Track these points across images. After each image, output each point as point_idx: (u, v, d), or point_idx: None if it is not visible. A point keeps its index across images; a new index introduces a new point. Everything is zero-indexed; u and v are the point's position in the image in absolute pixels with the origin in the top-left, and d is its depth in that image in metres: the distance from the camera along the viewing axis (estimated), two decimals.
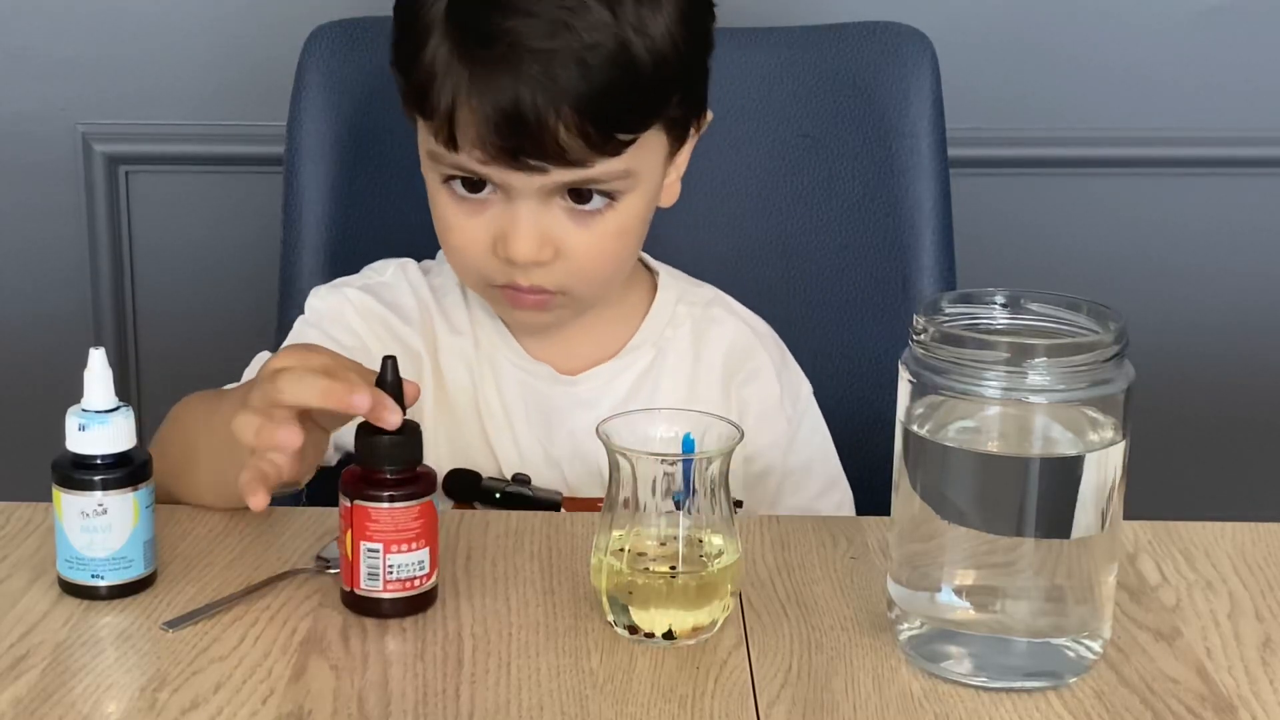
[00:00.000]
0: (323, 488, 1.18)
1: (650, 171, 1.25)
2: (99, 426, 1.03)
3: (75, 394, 1.04)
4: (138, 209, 1.91)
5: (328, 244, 1.49)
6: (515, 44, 1.16)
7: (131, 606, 1.05)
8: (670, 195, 1.31)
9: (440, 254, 1.37)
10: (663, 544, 1.02)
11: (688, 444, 1.03)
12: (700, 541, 1.02)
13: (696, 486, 1.01)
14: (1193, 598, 1.09)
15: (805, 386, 1.39)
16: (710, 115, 1.31)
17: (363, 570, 1.03)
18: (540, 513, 1.22)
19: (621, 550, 1.01)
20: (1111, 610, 1.00)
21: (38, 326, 1.93)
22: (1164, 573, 1.13)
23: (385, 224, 1.51)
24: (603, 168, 1.20)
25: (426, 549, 1.03)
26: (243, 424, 1.03)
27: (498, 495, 1.28)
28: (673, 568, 1.01)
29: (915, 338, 0.97)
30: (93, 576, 1.05)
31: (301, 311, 1.35)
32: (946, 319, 0.98)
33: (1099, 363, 0.94)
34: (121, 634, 1.02)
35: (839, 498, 1.38)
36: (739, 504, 1.28)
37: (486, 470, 1.30)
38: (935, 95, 1.51)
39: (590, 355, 1.33)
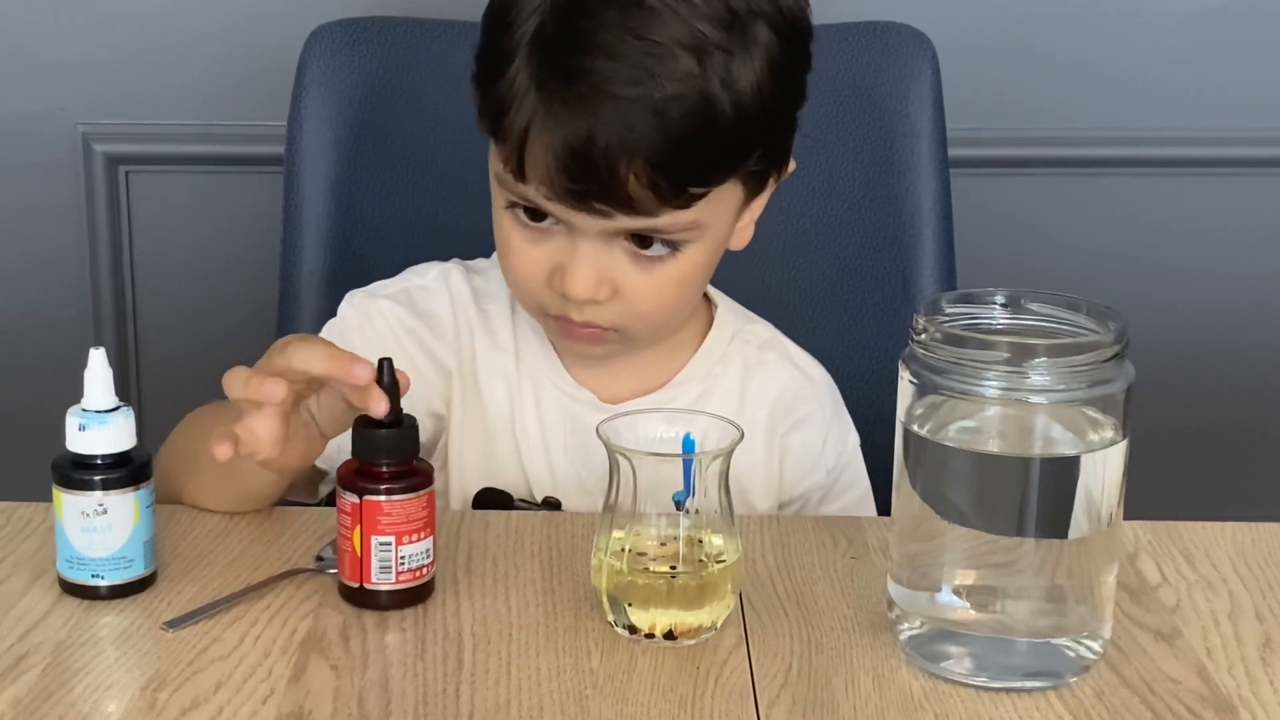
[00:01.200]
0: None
1: (720, 222, 1.21)
2: (99, 426, 1.03)
3: (75, 394, 1.04)
4: (138, 209, 1.91)
5: (328, 244, 1.49)
6: (596, 86, 1.11)
7: (131, 606, 1.05)
8: (742, 240, 1.27)
9: (494, 255, 1.34)
10: (663, 544, 1.02)
11: (688, 444, 1.03)
12: (700, 542, 1.02)
13: (697, 486, 1.01)
14: (1193, 598, 1.09)
15: (852, 437, 1.36)
16: (794, 165, 1.26)
17: (374, 564, 1.03)
18: (540, 513, 1.22)
19: (622, 550, 1.01)
20: (1112, 610, 1.00)
21: (37, 326, 1.93)
22: (1164, 573, 1.13)
23: (385, 224, 1.51)
24: (670, 218, 1.16)
25: (430, 538, 1.05)
26: (232, 375, 1.05)
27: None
28: (673, 568, 1.01)
29: (915, 338, 0.97)
30: (93, 576, 1.05)
31: (322, 314, 1.34)
32: (946, 319, 0.98)
33: (1099, 363, 0.94)
34: (121, 634, 1.02)
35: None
36: None
37: (515, 492, 1.28)
38: (935, 95, 1.51)
39: (636, 386, 1.30)
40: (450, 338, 1.30)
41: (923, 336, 0.96)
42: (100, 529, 1.04)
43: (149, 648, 1.00)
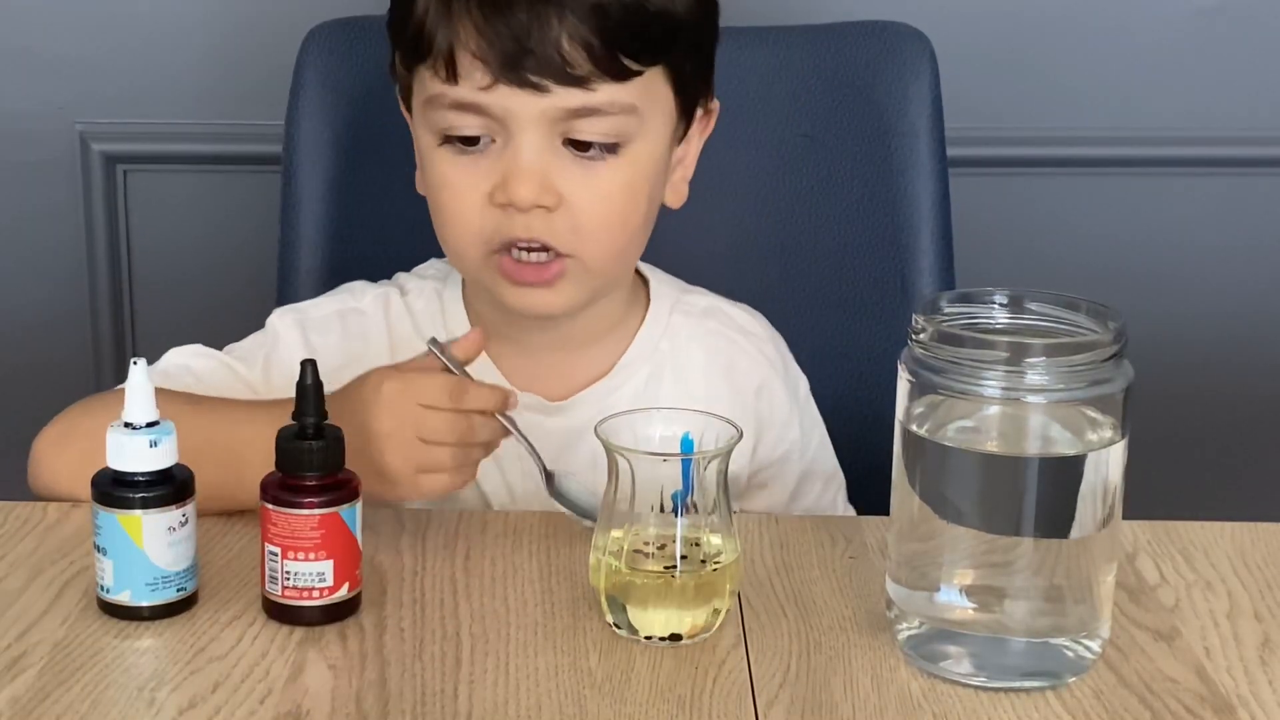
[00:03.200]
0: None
1: (656, 127, 1.22)
2: (168, 438, 1.02)
3: (74, 393, 1.04)
4: (136, 208, 1.91)
5: (325, 242, 1.49)
6: None
7: None
8: (677, 196, 1.29)
9: (428, 264, 1.34)
10: (661, 544, 1.02)
11: (686, 444, 1.03)
12: (699, 542, 1.02)
13: (695, 486, 1.01)
14: (1192, 598, 1.09)
15: (803, 384, 1.38)
16: (717, 105, 1.29)
17: (266, 572, 1.03)
18: (538, 513, 1.22)
19: (620, 550, 1.01)
20: (1110, 610, 1.00)
21: (35, 325, 1.92)
22: (1163, 573, 1.13)
23: (383, 223, 1.50)
24: (607, 95, 1.17)
25: (329, 561, 1.02)
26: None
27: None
28: (670, 567, 1.01)
29: (914, 337, 0.97)
30: (178, 590, 1.04)
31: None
32: (946, 318, 0.98)
33: (1098, 362, 0.94)
34: (119, 633, 1.02)
35: (836, 487, 1.38)
36: None
37: (498, 502, 1.28)
38: (934, 95, 1.51)
39: (581, 377, 1.29)
40: (386, 361, 1.23)
41: (922, 336, 0.96)
42: (183, 540, 1.03)
43: (147, 646, 1.00)
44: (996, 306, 1.00)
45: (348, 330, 1.30)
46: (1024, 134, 1.90)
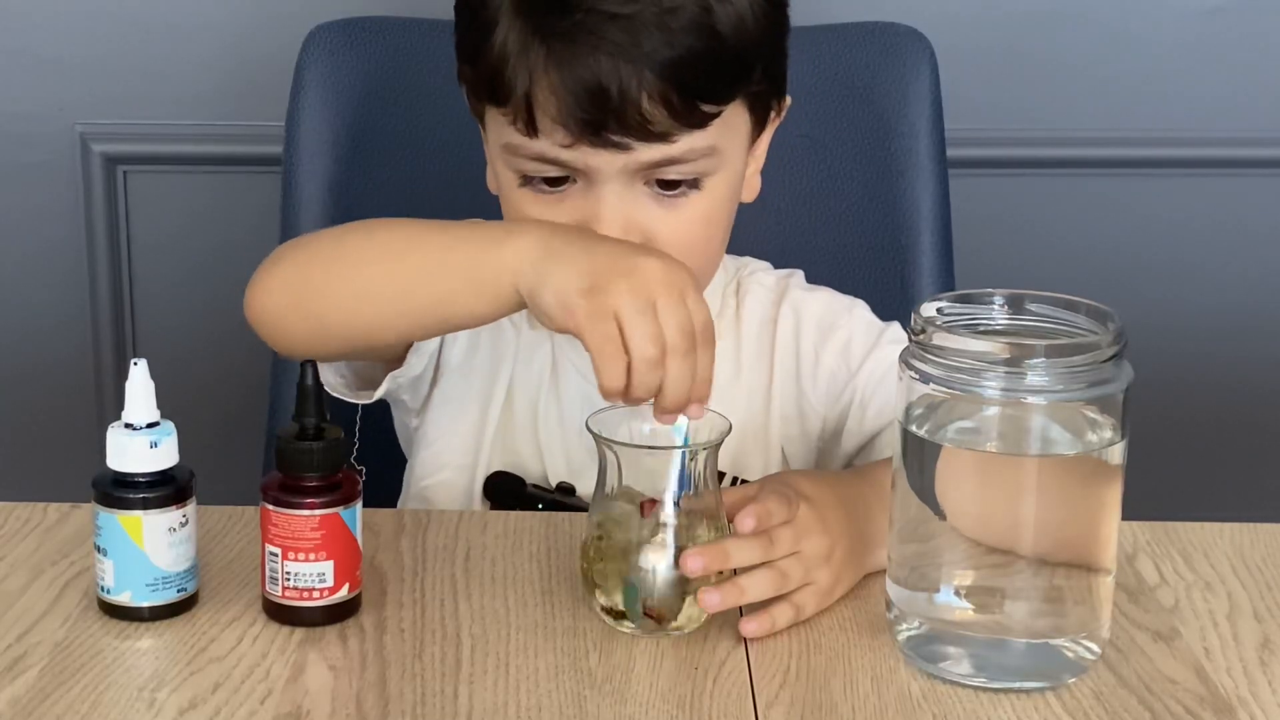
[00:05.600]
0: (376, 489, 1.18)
1: (734, 154, 1.20)
2: (168, 438, 1.02)
3: (73, 393, 1.04)
4: (136, 209, 1.91)
5: None
6: (592, 10, 1.12)
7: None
8: (751, 189, 1.27)
9: None
10: (653, 535, 1.02)
11: (680, 436, 1.03)
12: (689, 532, 1.02)
13: (686, 478, 1.01)
14: (1191, 598, 1.09)
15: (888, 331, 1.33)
16: (789, 100, 1.27)
17: (266, 573, 1.03)
18: (538, 514, 1.22)
19: (610, 540, 1.01)
20: (1110, 611, 1.00)
21: (35, 326, 1.92)
22: (1162, 573, 1.13)
23: None
24: (687, 144, 1.15)
25: (329, 562, 1.02)
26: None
27: (540, 506, 1.25)
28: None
29: (914, 338, 0.97)
30: (179, 591, 1.04)
31: None
32: (946, 319, 0.98)
33: (1098, 363, 0.94)
34: (120, 633, 1.02)
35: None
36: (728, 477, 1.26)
37: (533, 476, 1.28)
38: (934, 96, 1.51)
39: None
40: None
41: (921, 336, 0.96)
42: (183, 541, 1.03)
43: (147, 647, 1.00)
44: (996, 307, 1.00)
45: None
46: (1024, 134, 1.90)
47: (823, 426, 1.31)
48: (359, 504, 1.03)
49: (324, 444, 1.01)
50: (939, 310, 0.99)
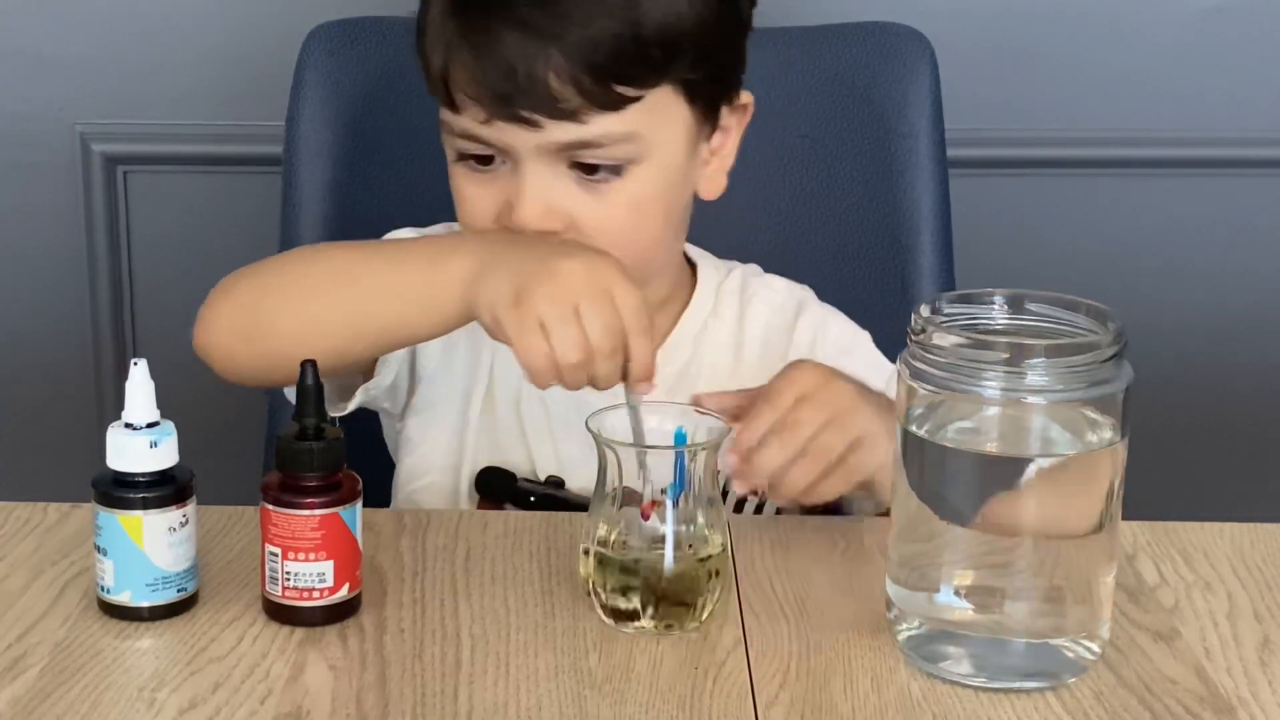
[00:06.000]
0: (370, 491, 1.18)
1: (666, 144, 1.20)
2: (168, 438, 1.02)
3: (73, 393, 1.04)
4: (136, 209, 1.91)
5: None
6: None
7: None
8: (712, 187, 1.27)
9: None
10: (654, 535, 1.02)
11: (679, 437, 1.03)
12: (688, 532, 1.02)
13: (686, 479, 1.01)
14: (1191, 598, 1.09)
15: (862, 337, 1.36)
16: (750, 99, 1.27)
17: (266, 573, 1.03)
18: (538, 513, 1.22)
19: (610, 541, 1.01)
20: (1110, 611, 1.00)
21: (35, 326, 1.93)
22: (1162, 573, 1.13)
23: (383, 223, 1.50)
24: (602, 127, 1.16)
25: (329, 562, 1.02)
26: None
27: (532, 499, 1.26)
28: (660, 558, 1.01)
29: (914, 338, 0.97)
30: (179, 591, 1.04)
31: None
32: (945, 319, 0.98)
33: (1097, 363, 0.94)
34: (120, 633, 1.02)
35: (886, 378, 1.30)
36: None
37: (522, 470, 1.29)
38: (934, 96, 1.51)
39: None
40: None
41: (921, 337, 0.96)
42: (183, 541, 1.03)
43: (147, 647, 1.00)
44: (996, 307, 1.00)
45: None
46: (1024, 134, 1.90)
47: None
48: (359, 504, 1.03)
49: (324, 444, 1.01)
50: (939, 310, 0.99)
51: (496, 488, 1.27)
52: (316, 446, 1.01)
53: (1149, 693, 0.97)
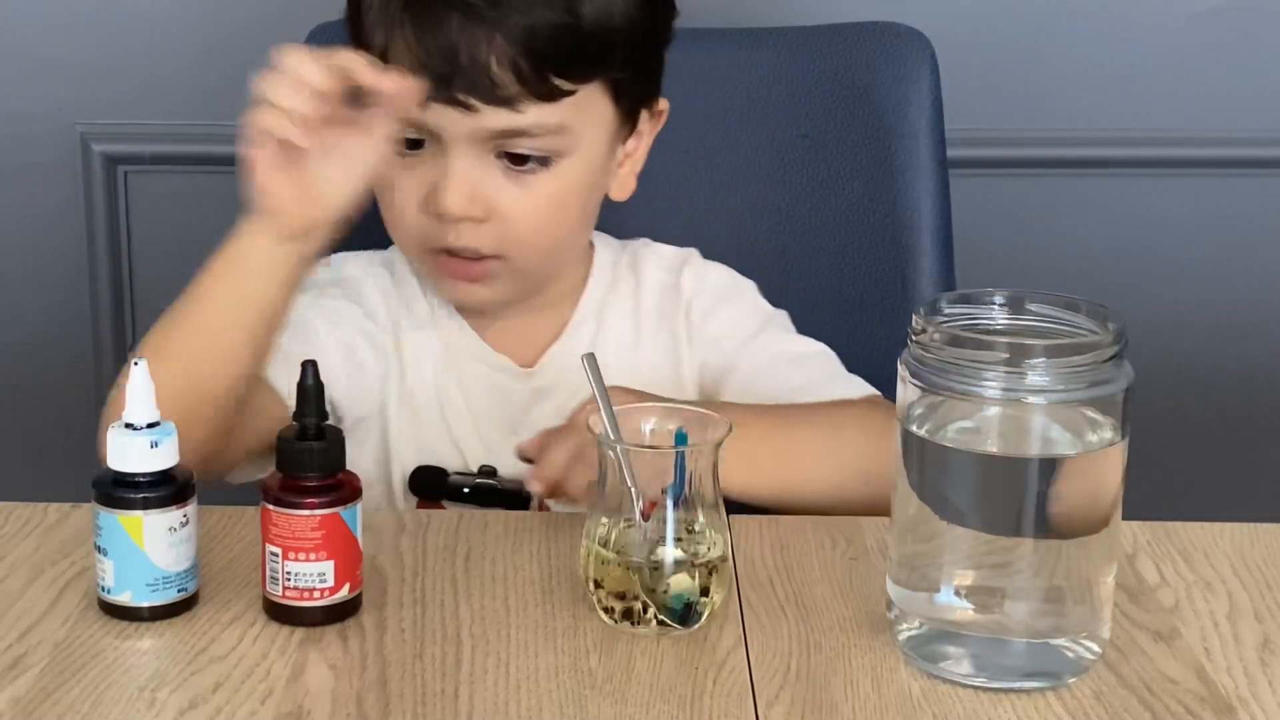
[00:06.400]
0: None
1: (591, 140, 1.24)
2: (168, 438, 1.02)
3: (73, 393, 1.04)
4: (136, 209, 1.91)
5: None
6: None
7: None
8: (624, 189, 1.31)
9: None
10: (655, 535, 1.02)
11: (680, 438, 1.03)
12: (690, 533, 1.02)
13: (687, 479, 1.01)
14: (1191, 598, 1.09)
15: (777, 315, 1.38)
16: (666, 106, 1.31)
17: (266, 573, 1.03)
18: (538, 514, 1.22)
19: (610, 541, 1.01)
20: (1110, 611, 1.00)
21: (35, 326, 1.93)
22: (1163, 573, 1.13)
23: (382, 223, 1.50)
24: (536, 116, 1.19)
25: (330, 562, 1.02)
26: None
27: (466, 490, 1.27)
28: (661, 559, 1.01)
29: (914, 338, 0.97)
30: (179, 591, 1.04)
31: None
32: (946, 319, 0.98)
33: (1098, 363, 0.94)
34: (120, 633, 1.02)
35: (818, 365, 1.33)
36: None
37: (453, 465, 1.30)
38: (934, 95, 1.51)
39: (541, 341, 1.33)
40: (383, 318, 1.33)
41: (922, 337, 0.96)
42: (183, 541, 1.03)
43: (147, 646, 1.00)
44: (996, 307, 1.00)
45: (346, 293, 1.33)
46: (1024, 134, 1.90)
47: (699, 393, 1.33)
48: (359, 504, 1.03)
49: (324, 444, 1.01)
50: (939, 310, 0.99)
51: (430, 487, 1.28)
52: (317, 446, 1.01)
53: (1149, 693, 0.97)
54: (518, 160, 1.21)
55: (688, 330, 1.33)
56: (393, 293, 1.34)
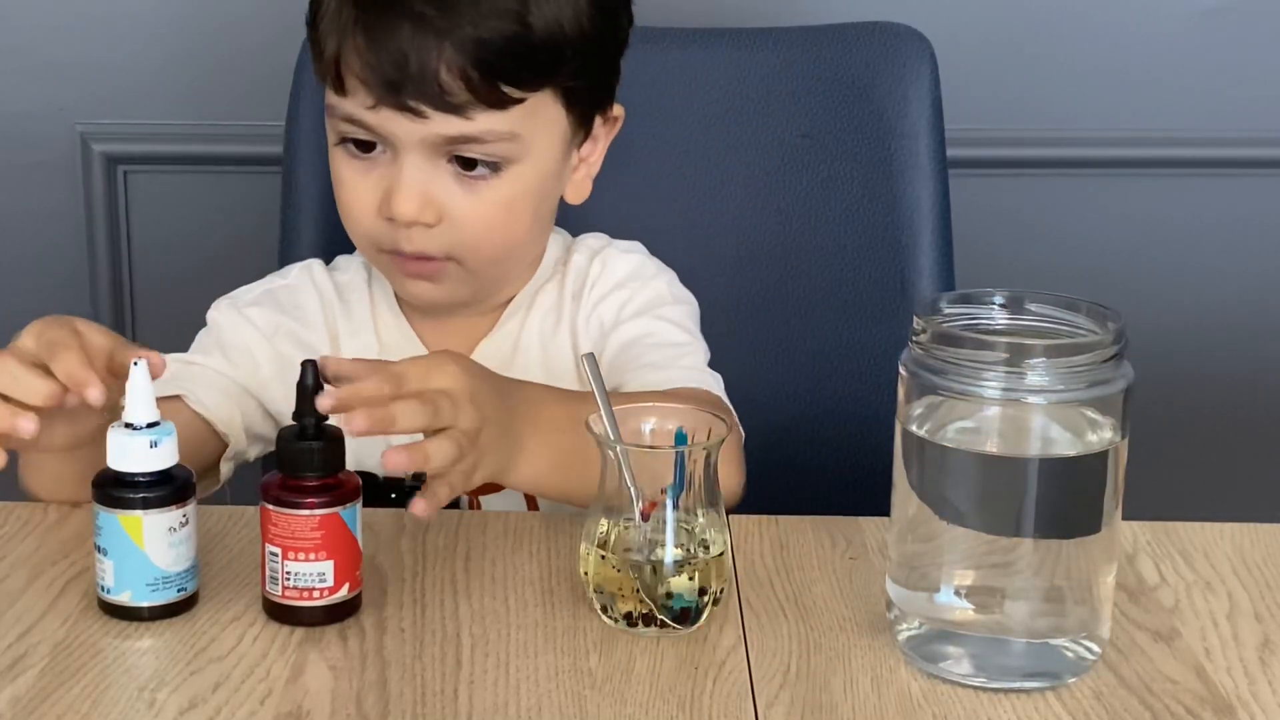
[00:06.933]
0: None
1: (543, 146, 1.25)
2: (168, 438, 1.02)
3: None
4: (136, 209, 1.91)
5: (325, 243, 1.49)
6: None
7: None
8: (579, 193, 1.32)
9: (355, 252, 1.37)
10: (655, 535, 1.02)
11: (679, 438, 1.03)
12: (689, 533, 1.02)
13: (686, 479, 1.01)
14: (1191, 598, 1.09)
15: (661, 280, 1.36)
16: (621, 112, 1.31)
17: (266, 573, 1.03)
18: (538, 514, 1.22)
19: (608, 541, 1.01)
20: (1110, 611, 1.00)
21: None
22: (1163, 573, 1.13)
23: None
24: (486, 124, 1.20)
25: (329, 561, 1.02)
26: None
27: (394, 495, 1.27)
28: (660, 558, 1.01)
29: (914, 338, 0.97)
30: (178, 591, 1.04)
31: None
32: (945, 319, 0.98)
33: (1098, 363, 0.94)
34: (120, 633, 1.02)
35: (676, 356, 1.29)
36: None
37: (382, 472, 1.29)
38: (934, 96, 1.51)
39: (479, 334, 1.33)
40: (319, 326, 1.33)
41: (921, 337, 0.96)
42: (183, 541, 1.03)
43: (147, 647, 1.00)
44: (996, 307, 1.00)
45: (279, 302, 1.34)
46: (1024, 134, 1.90)
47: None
48: (359, 504, 1.03)
49: (324, 444, 1.01)
50: (939, 310, 0.99)
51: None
52: (317, 446, 1.01)
53: (1149, 693, 0.97)
54: (468, 165, 1.22)
55: (585, 316, 1.33)
56: (334, 300, 1.35)
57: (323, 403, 1.00)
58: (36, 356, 1.04)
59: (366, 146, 1.24)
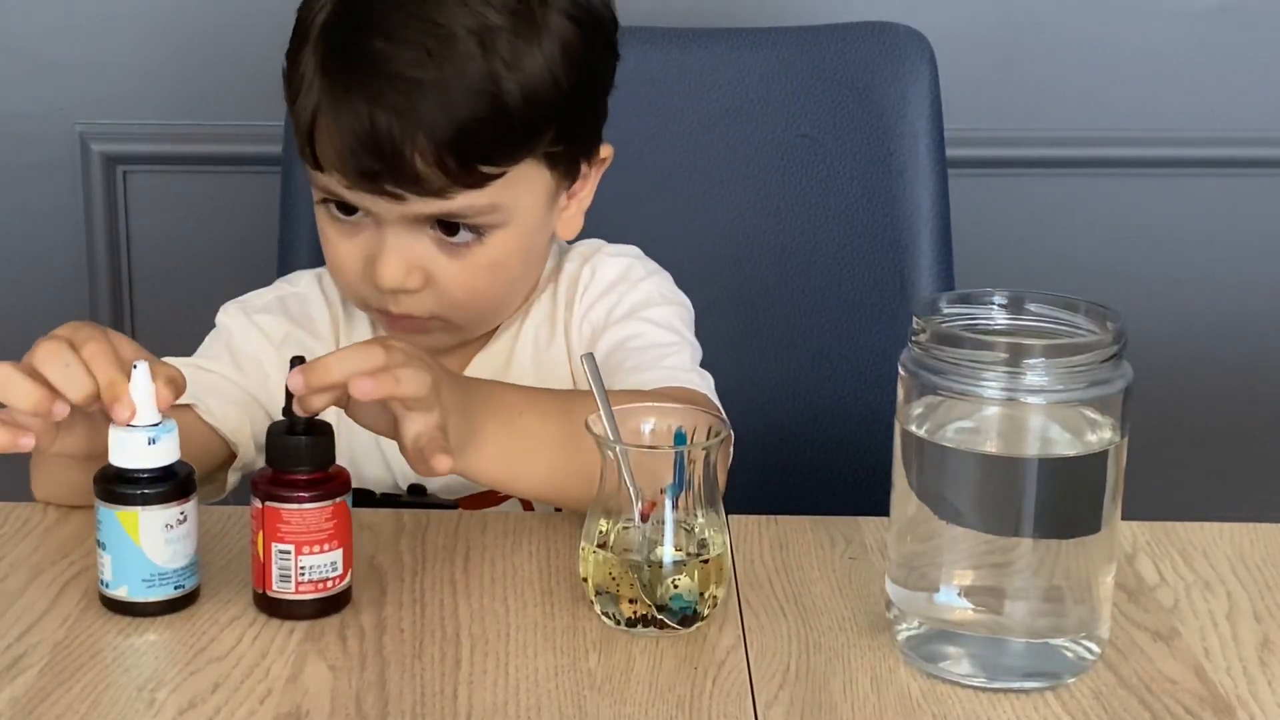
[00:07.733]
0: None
1: (525, 208, 1.22)
2: (168, 435, 1.02)
3: None
4: (135, 209, 1.91)
5: None
6: (376, 68, 1.15)
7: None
8: (570, 228, 1.29)
9: None
10: (655, 536, 1.02)
11: (679, 438, 1.03)
12: (689, 533, 1.02)
13: (685, 479, 1.01)
14: (1191, 598, 1.09)
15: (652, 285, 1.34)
16: (610, 152, 1.29)
17: (275, 572, 1.02)
18: (537, 514, 1.22)
19: (608, 542, 1.02)
20: (1110, 611, 1.00)
21: (35, 326, 1.92)
22: (1162, 573, 1.13)
23: None
24: (465, 201, 1.18)
25: (339, 550, 1.03)
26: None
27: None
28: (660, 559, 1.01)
29: (914, 338, 0.97)
30: (176, 588, 1.04)
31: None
32: (945, 319, 0.98)
33: (1097, 363, 0.94)
34: (119, 633, 1.02)
35: (661, 355, 1.28)
36: None
37: (382, 485, 1.30)
38: (933, 95, 1.51)
39: (474, 348, 1.32)
40: (328, 337, 1.32)
41: (921, 337, 0.96)
42: (181, 538, 1.03)
43: (146, 647, 1.00)
44: (996, 307, 1.00)
45: (289, 311, 1.33)
46: (1024, 134, 1.90)
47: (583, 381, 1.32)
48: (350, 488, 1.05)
49: (323, 436, 1.02)
50: (939, 310, 0.99)
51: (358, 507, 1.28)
52: (317, 440, 1.02)
53: (1149, 693, 0.97)
54: (450, 230, 1.20)
55: (578, 322, 1.32)
56: (340, 310, 1.34)
57: (293, 381, 0.98)
58: (59, 348, 1.06)
59: (349, 209, 1.21)
